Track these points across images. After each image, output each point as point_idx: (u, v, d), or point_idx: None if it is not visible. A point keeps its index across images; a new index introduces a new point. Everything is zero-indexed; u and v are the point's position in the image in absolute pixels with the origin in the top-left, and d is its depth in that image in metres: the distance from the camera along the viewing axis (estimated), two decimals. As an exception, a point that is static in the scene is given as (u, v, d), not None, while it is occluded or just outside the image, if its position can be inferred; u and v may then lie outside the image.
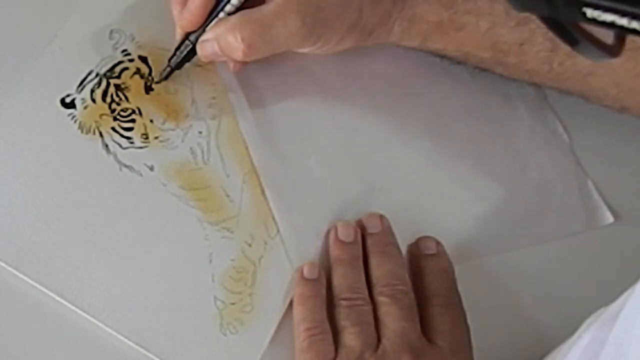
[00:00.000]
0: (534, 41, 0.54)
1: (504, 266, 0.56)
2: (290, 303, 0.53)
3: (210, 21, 0.53)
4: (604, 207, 0.59)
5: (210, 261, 0.53)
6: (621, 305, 0.39)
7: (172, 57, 0.55)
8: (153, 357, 0.51)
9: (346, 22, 0.53)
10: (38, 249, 0.52)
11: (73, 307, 0.51)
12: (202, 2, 0.52)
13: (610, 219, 0.58)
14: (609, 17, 0.24)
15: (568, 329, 0.45)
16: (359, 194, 0.56)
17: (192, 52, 0.55)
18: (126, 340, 0.51)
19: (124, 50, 0.57)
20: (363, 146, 0.58)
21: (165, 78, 0.56)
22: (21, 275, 0.51)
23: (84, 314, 0.51)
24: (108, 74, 0.56)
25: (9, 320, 0.51)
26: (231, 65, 0.56)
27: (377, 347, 0.50)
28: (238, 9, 0.52)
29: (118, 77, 0.56)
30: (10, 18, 0.57)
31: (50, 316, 0.51)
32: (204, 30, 0.53)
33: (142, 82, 0.57)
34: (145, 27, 0.58)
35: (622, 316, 0.38)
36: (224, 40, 0.52)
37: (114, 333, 0.51)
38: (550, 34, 0.52)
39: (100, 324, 0.51)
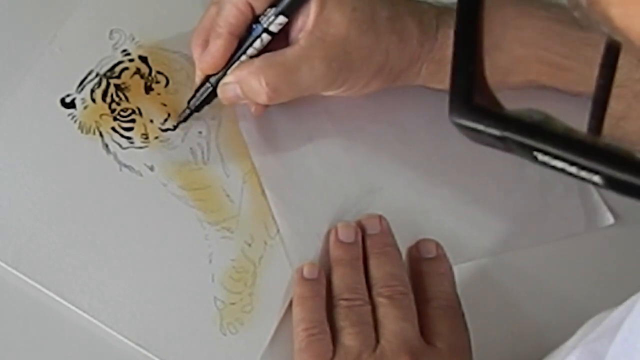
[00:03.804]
0: None
1: (504, 267, 0.56)
2: (290, 303, 0.53)
3: (232, 64, 0.52)
4: (604, 208, 0.58)
5: (210, 261, 0.53)
6: (619, 318, 0.38)
7: (191, 98, 0.55)
8: (153, 357, 0.51)
9: (373, 66, 0.52)
10: (38, 249, 0.52)
11: (73, 307, 0.51)
12: (223, 45, 0.52)
13: (610, 220, 0.58)
14: (558, 163, 0.25)
15: (568, 331, 0.44)
16: (359, 194, 0.56)
17: (212, 94, 0.54)
18: (126, 340, 0.51)
19: (124, 50, 0.57)
20: (363, 147, 0.58)
21: (184, 120, 0.56)
22: (21, 275, 0.51)
23: (84, 314, 0.51)
24: (108, 74, 0.56)
25: (9, 320, 0.51)
26: (252, 108, 0.55)
27: (376, 347, 0.50)
28: (260, 52, 0.52)
29: (118, 77, 0.56)
30: (10, 18, 0.57)
31: (50, 316, 0.51)
32: (225, 73, 0.52)
33: (142, 82, 0.57)
34: (145, 27, 0.58)
35: (620, 337, 0.37)
36: (247, 84, 0.51)
37: (114, 333, 0.51)
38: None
39: (100, 324, 0.51)
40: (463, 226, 0.57)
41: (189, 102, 0.55)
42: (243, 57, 0.52)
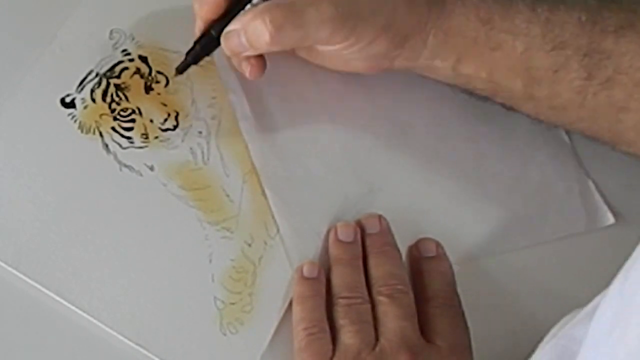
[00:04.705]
0: (569, 68, 0.52)
1: (504, 267, 0.56)
2: (290, 303, 0.53)
3: (236, 13, 0.51)
4: (605, 208, 0.58)
5: (210, 261, 0.53)
6: (596, 305, 0.39)
7: (190, 50, 0.54)
8: (153, 357, 0.51)
9: (381, 19, 0.51)
10: (38, 249, 0.52)
11: (73, 307, 0.51)
12: None
13: (611, 219, 0.58)
14: None
15: (568, 330, 0.44)
16: (359, 194, 0.56)
17: (212, 45, 0.53)
18: (126, 340, 0.51)
19: (124, 50, 0.57)
20: (363, 146, 0.58)
21: (182, 72, 0.54)
22: (21, 275, 0.51)
23: (84, 314, 0.51)
24: (108, 73, 0.56)
25: (9, 320, 0.51)
26: (247, 69, 0.54)
27: (375, 346, 0.50)
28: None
29: (118, 76, 0.56)
30: (10, 18, 0.57)
31: (50, 316, 0.51)
32: (227, 22, 0.52)
33: (142, 82, 0.57)
34: (145, 27, 0.58)
35: (595, 318, 0.38)
36: (252, 26, 0.50)
37: (114, 333, 0.51)
38: (586, 62, 0.51)
39: (100, 324, 0.51)
40: (463, 226, 0.57)
41: (187, 53, 0.54)
42: (248, 6, 0.51)
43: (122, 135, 0.55)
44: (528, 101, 0.55)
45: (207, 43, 0.53)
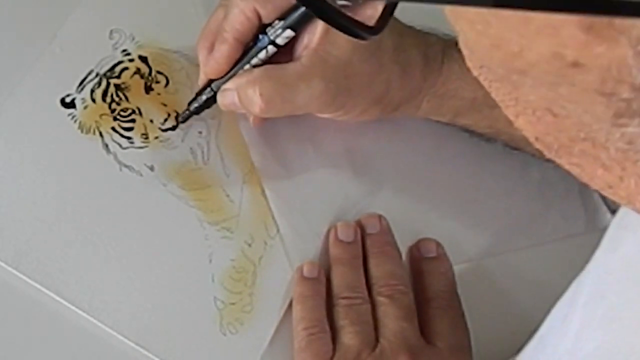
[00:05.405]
0: None
1: (504, 267, 0.56)
2: (290, 303, 0.53)
3: (235, 71, 0.52)
4: (605, 209, 0.58)
5: (210, 261, 0.53)
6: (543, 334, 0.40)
7: (192, 100, 0.54)
8: (153, 357, 0.51)
9: (372, 94, 0.52)
10: (38, 249, 0.52)
11: (73, 307, 0.51)
12: (227, 52, 0.51)
13: (610, 220, 0.58)
14: None
15: (568, 330, 0.44)
16: (359, 194, 0.56)
17: (212, 99, 0.53)
18: (126, 340, 0.51)
19: (124, 50, 0.57)
20: (363, 146, 0.58)
21: (183, 121, 0.55)
22: (21, 275, 0.51)
23: (84, 314, 0.51)
24: (108, 73, 0.56)
25: (9, 320, 0.51)
26: (251, 118, 0.55)
27: (375, 346, 0.50)
28: (264, 62, 0.51)
29: (118, 77, 0.56)
30: (10, 18, 0.57)
31: (50, 316, 0.51)
32: (227, 79, 0.52)
33: (142, 82, 0.57)
34: (145, 27, 0.58)
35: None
36: (243, 92, 0.51)
37: (114, 333, 0.51)
38: None
39: (100, 324, 0.51)
40: (463, 226, 0.57)
41: (189, 104, 0.55)
42: (246, 66, 0.52)
43: (122, 135, 0.55)
44: (532, 145, 0.55)
45: (208, 98, 0.54)
